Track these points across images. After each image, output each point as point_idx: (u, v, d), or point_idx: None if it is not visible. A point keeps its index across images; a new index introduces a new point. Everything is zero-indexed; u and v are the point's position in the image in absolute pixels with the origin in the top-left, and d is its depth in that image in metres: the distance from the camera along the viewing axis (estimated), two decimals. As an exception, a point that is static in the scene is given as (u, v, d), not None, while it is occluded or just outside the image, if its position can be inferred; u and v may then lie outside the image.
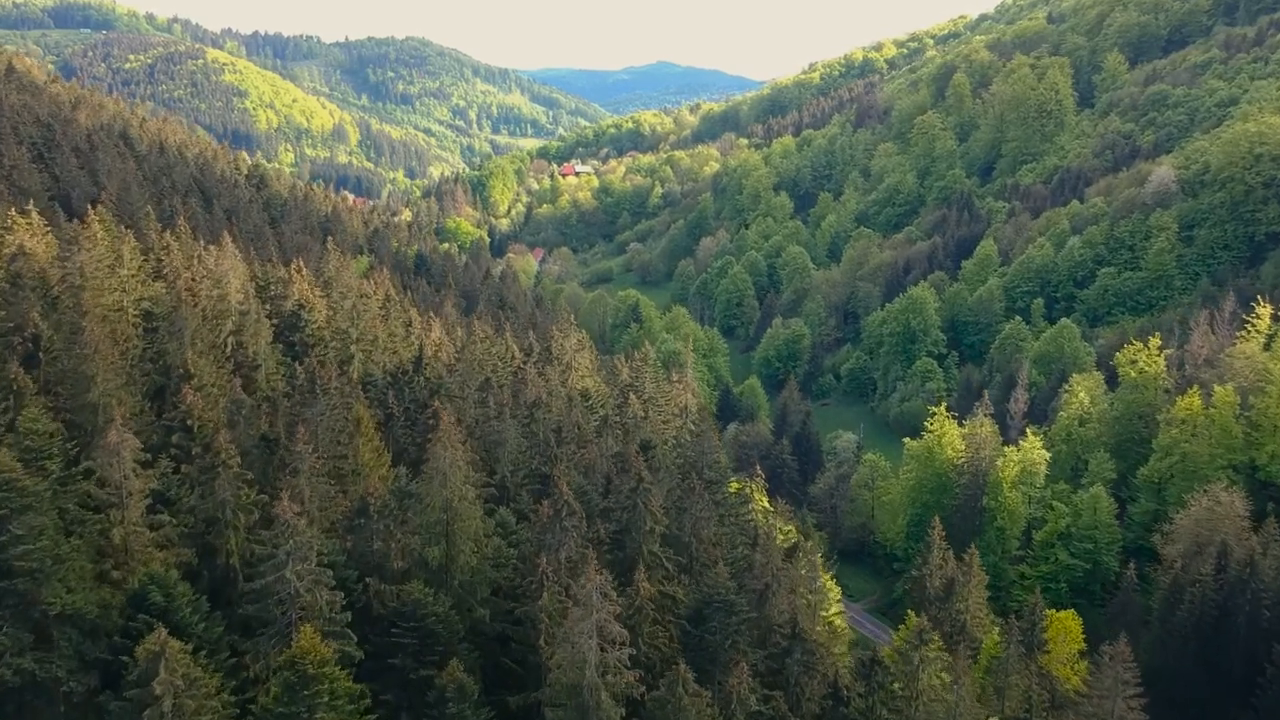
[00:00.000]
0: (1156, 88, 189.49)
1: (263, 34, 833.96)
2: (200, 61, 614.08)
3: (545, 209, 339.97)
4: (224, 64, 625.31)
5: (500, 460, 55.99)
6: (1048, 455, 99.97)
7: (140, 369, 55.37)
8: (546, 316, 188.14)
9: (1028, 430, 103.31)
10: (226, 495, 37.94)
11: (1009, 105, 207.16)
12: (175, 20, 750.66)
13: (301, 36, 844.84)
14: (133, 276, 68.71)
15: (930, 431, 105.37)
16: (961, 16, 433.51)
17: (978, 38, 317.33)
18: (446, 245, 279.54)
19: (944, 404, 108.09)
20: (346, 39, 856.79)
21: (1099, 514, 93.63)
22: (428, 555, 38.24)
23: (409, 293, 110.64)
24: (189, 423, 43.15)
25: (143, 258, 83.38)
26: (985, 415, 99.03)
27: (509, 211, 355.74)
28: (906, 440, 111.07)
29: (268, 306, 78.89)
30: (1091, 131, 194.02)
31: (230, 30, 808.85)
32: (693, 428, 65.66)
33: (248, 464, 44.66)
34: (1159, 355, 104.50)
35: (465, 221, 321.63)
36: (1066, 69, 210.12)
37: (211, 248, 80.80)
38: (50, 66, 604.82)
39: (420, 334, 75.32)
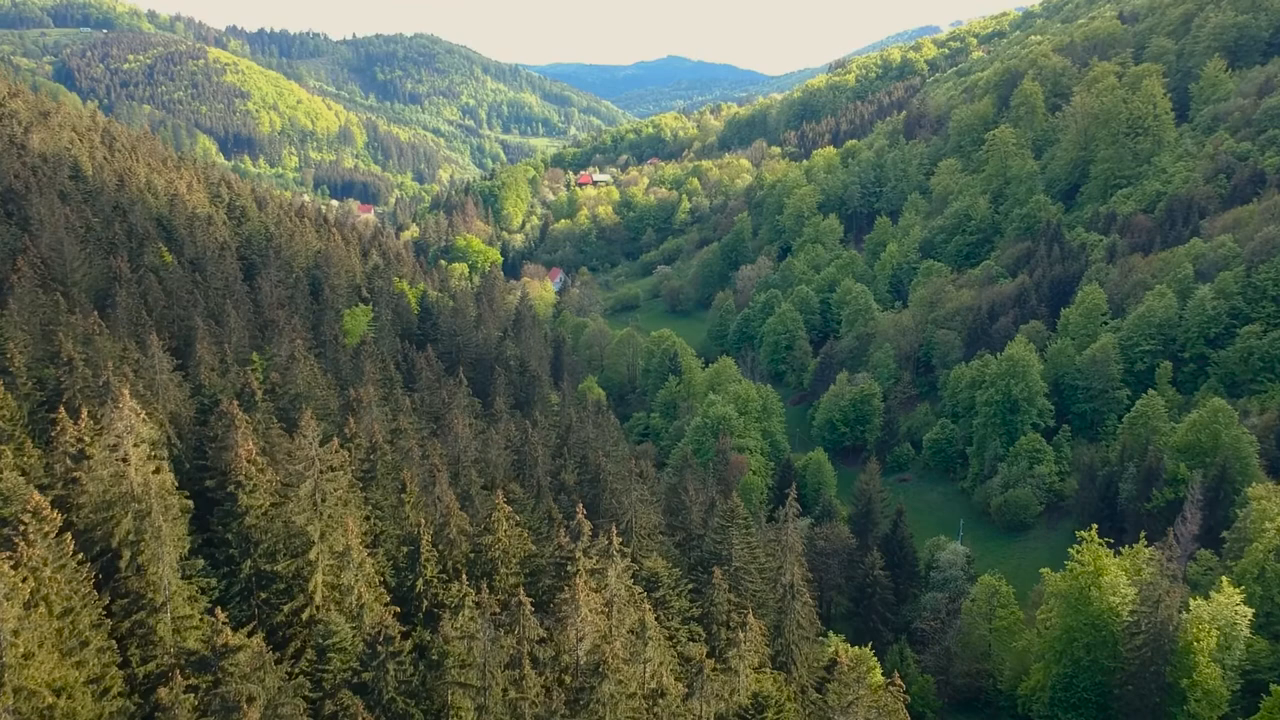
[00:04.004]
0: (1275, 99, 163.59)
1: (268, 31, 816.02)
2: (201, 62, 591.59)
3: (562, 224, 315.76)
4: (226, 64, 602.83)
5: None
6: (1250, 612, 75.60)
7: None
8: (573, 365, 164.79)
9: (1222, 578, 78.71)
10: None
11: (1095, 120, 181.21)
12: (178, 18, 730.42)
13: (308, 34, 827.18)
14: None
15: (1080, 565, 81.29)
16: (1004, 14, 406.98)
17: (1034, 38, 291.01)
18: (459, 267, 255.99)
19: (1094, 528, 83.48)
20: (354, 36, 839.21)
21: (1334, 703, 69.33)
22: None
23: (409, 391, 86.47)
24: None
25: (33, 383, 60.22)
26: (1172, 561, 74.61)
27: (523, 226, 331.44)
28: (1046, 572, 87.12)
29: (206, 456, 55.52)
30: (1197, 151, 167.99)
31: (235, 28, 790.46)
32: (829, 683, 41.65)
33: None
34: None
35: (476, 239, 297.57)
36: (1160, 78, 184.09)
37: (127, 380, 57.19)
38: (48, 68, 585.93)
39: (415, 514, 51.39)
